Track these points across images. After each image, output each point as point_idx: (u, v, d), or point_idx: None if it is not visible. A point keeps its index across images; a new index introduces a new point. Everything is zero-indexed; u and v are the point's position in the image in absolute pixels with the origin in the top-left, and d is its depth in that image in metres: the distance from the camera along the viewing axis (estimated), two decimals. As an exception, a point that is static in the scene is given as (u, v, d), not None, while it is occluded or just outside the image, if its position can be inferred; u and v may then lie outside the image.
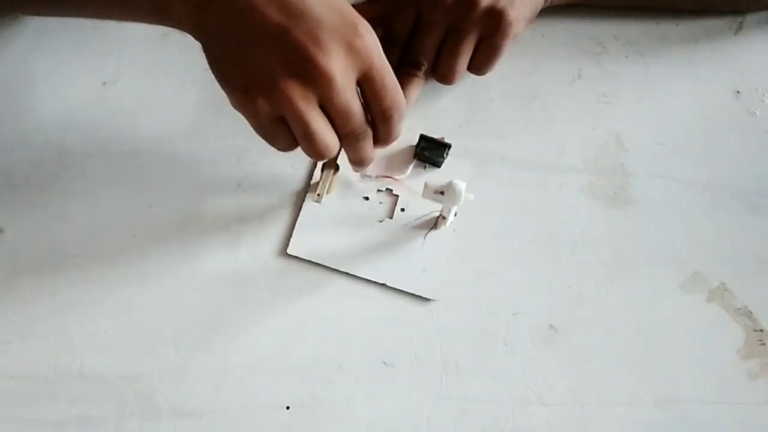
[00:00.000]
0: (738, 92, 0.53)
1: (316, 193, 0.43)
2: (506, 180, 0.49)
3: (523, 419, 0.41)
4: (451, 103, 0.51)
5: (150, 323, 0.43)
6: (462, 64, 0.47)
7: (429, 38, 0.47)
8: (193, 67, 0.51)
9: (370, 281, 0.44)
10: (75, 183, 0.47)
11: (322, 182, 0.43)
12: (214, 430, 0.40)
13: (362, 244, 0.45)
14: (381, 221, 0.47)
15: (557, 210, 0.48)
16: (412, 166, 0.48)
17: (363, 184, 0.47)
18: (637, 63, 0.54)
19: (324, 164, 0.44)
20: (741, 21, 0.57)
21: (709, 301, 0.45)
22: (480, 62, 0.48)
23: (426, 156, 0.48)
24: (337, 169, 0.45)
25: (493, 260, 0.46)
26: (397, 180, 0.47)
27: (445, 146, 0.47)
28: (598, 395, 0.42)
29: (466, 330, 0.44)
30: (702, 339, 0.44)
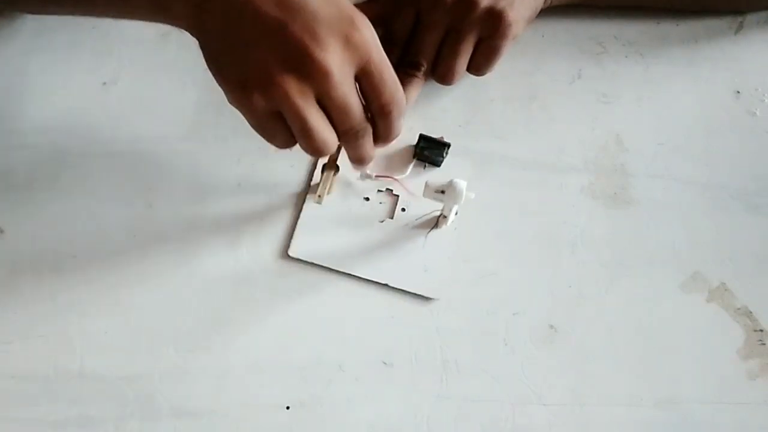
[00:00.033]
0: (738, 92, 0.53)
1: (316, 194, 0.42)
2: (506, 180, 0.49)
3: (523, 419, 0.41)
4: (451, 103, 0.51)
5: (150, 323, 0.43)
6: (461, 64, 0.47)
7: (429, 38, 0.47)
8: (193, 67, 0.51)
9: (370, 281, 0.44)
10: (75, 183, 0.47)
11: (323, 183, 0.43)
12: (214, 430, 0.40)
13: (363, 245, 0.45)
14: (382, 221, 0.47)
15: (557, 210, 0.48)
16: (411, 165, 0.48)
17: (363, 184, 0.47)
18: (637, 63, 0.54)
19: (324, 165, 0.44)
20: (741, 21, 0.57)
21: (709, 301, 0.45)
22: (479, 63, 0.48)
23: (426, 155, 0.48)
24: (337, 170, 0.45)
25: (493, 260, 0.46)
26: (397, 180, 0.47)
27: (444, 145, 0.47)
28: (598, 395, 0.42)
29: (466, 330, 0.44)
30: (702, 339, 0.44)
